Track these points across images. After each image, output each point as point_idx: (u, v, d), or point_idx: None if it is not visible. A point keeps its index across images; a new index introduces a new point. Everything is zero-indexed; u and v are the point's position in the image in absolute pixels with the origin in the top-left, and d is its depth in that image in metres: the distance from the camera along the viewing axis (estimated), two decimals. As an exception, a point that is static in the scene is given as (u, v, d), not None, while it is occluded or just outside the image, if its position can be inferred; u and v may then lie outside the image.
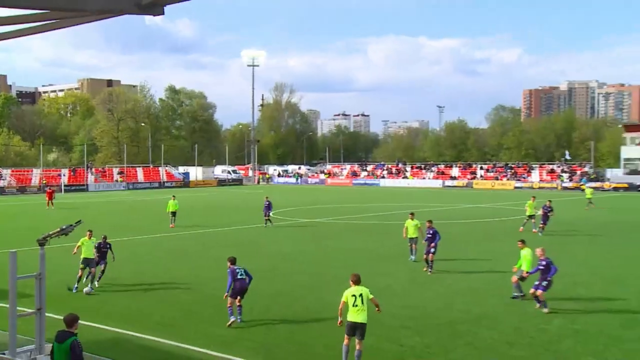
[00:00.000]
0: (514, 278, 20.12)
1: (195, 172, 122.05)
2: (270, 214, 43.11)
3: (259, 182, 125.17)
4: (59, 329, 10.52)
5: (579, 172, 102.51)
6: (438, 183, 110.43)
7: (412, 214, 28.85)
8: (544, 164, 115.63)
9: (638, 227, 42.93)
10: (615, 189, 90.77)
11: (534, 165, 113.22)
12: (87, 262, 20.97)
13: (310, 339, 16.17)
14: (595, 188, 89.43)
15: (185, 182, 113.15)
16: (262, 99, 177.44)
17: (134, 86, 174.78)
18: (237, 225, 43.68)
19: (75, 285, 20.89)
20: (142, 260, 28.79)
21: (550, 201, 39.50)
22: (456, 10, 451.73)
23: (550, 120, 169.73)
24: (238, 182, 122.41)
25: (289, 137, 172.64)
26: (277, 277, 24.10)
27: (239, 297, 17.32)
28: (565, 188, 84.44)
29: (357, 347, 13.43)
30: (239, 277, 17.38)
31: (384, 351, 15.21)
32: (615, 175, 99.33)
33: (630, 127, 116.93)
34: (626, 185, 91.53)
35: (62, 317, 10.82)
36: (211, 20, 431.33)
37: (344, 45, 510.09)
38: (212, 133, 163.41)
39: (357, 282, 14.03)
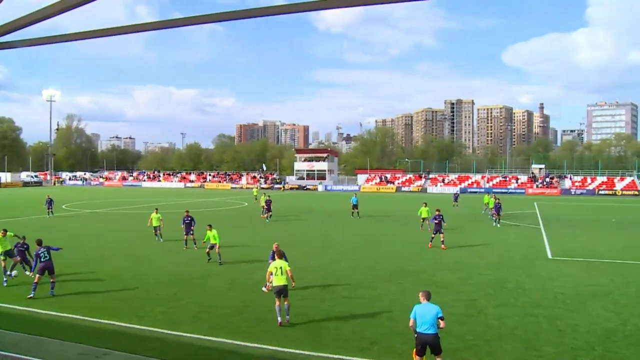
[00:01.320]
0: (207, 250, 20.09)
1: (5, 177, 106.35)
2: (52, 207, 39.50)
3: (54, 184, 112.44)
4: None
5: (270, 178, 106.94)
6: (181, 185, 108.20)
7: (156, 209, 27.21)
8: (249, 172, 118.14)
9: (307, 211, 45.83)
10: (292, 188, 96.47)
11: (243, 173, 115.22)
12: (6, 253, 16.75)
13: (98, 289, 15.49)
14: (283, 188, 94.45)
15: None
16: (58, 125, 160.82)
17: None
18: (37, 215, 39.29)
19: (9, 272, 16.36)
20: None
21: (269, 196, 40.19)
22: (194, 71, 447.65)
23: (253, 144, 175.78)
24: (39, 184, 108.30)
25: (77, 152, 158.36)
26: (73, 250, 22.50)
27: (51, 275, 14.82)
28: (263, 188, 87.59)
29: (286, 303, 12.26)
30: (42, 260, 14.70)
31: (138, 297, 15.06)
32: (291, 180, 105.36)
33: (298, 151, 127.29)
34: (297, 186, 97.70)
35: None
36: (20, 67, 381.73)
37: (118, 89, 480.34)
38: (18, 148, 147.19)
39: (279, 257, 12.98)
